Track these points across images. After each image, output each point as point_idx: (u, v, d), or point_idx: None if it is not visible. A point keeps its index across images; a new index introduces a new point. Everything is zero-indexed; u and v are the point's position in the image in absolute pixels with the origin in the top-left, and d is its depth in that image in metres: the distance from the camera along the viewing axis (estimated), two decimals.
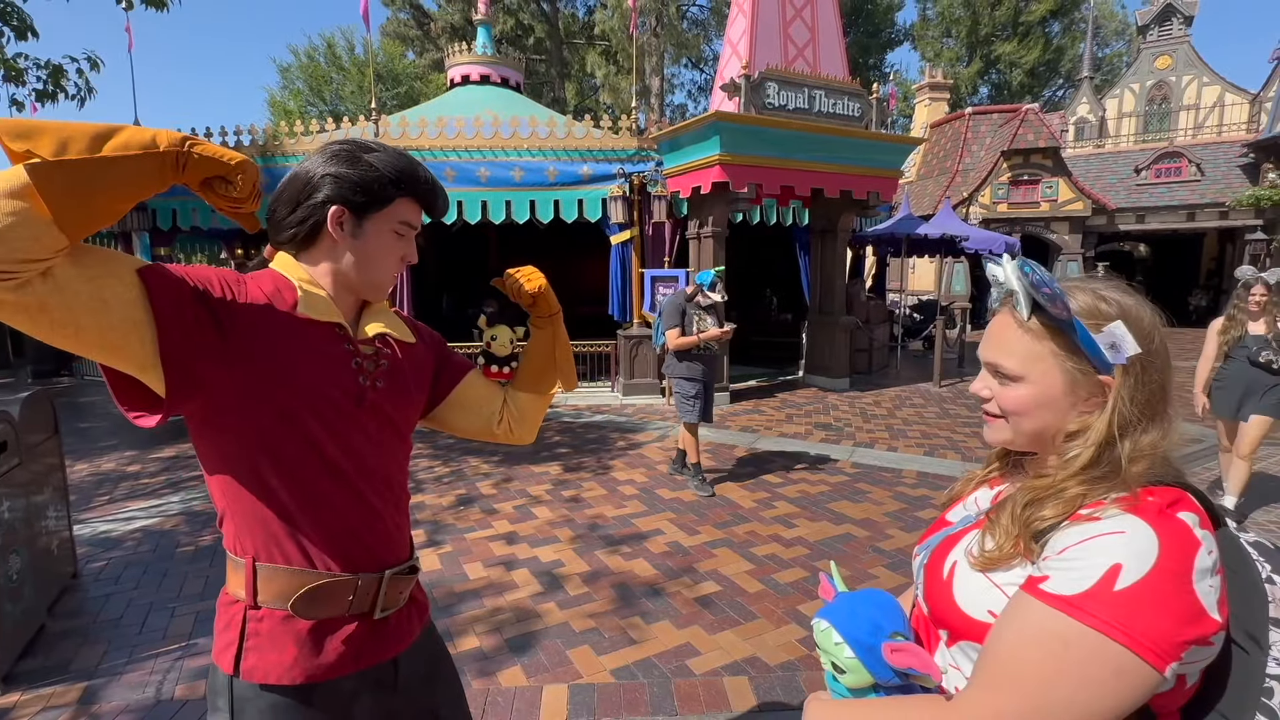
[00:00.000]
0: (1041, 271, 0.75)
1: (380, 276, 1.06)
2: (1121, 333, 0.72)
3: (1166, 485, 0.69)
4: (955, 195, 15.64)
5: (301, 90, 26.36)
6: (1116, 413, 0.72)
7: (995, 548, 0.73)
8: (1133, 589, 0.60)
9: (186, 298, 0.86)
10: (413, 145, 7.68)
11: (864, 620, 0.83)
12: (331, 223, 0.99)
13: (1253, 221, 13.92)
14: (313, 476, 0.96)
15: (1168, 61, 19.31)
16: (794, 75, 7.42)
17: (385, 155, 1.02)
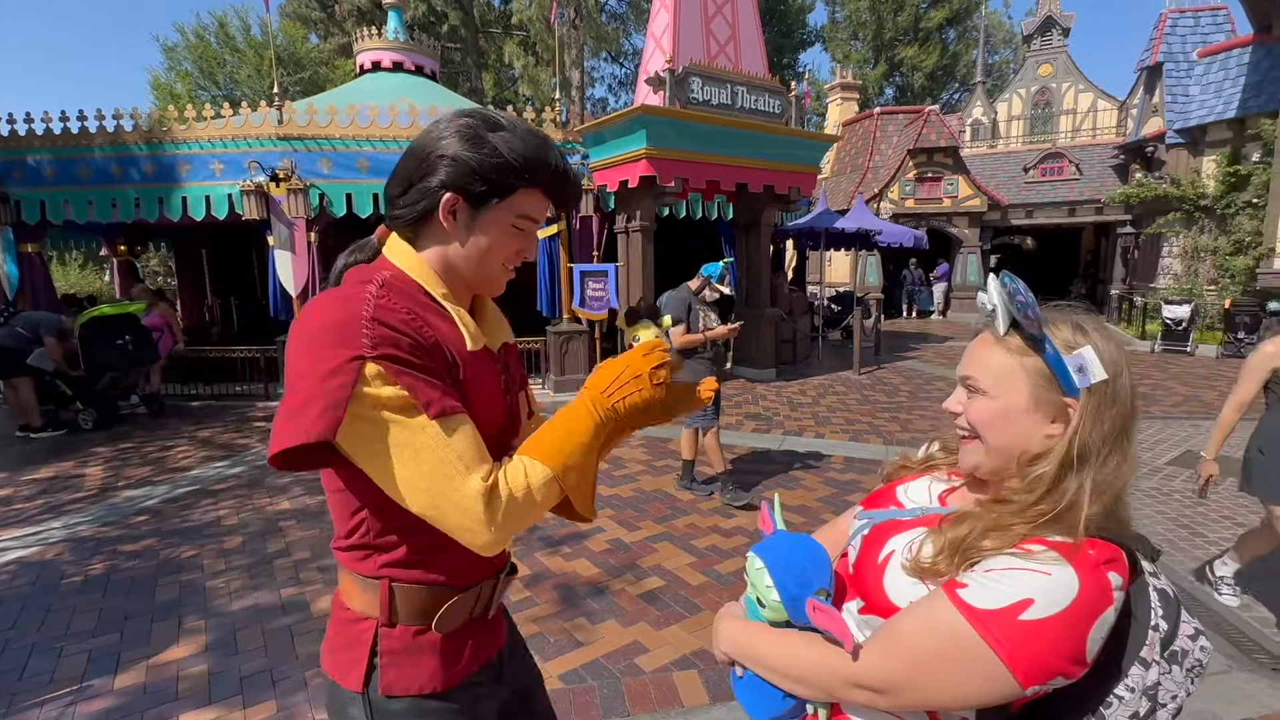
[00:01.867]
0: (1019, 282, 0.80)
1: (492, 273, 0.97)
2: (1091, 357, 0.76)
3: (1108, 541, 0.74)
4: (867, 191, 16.39)
5: (190, 72, 24.25)
6: (1078, 434, 0.76)
7: (929, 561, 0.78)
8: (1033, 624, 0.67)
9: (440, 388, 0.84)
10: (322, 134, 7.23)
11: (796, 569, 0.86)
12: (443, 211, 0.90)
13: (1123, 217, 15.37)
14: None
15: (1049, 69, 20.99)
16: (718, 71, 7.50)
17: (514, 137, 0.90)
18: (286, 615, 2.98)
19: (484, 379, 0.95)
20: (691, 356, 4.27)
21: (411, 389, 0.80)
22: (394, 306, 0.84)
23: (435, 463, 0.80)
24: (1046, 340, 0.79)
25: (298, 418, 0.76)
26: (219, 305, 12.60)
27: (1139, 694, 0.75)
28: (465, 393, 0.89)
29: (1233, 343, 10.21)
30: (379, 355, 0.79)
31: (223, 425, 6.70)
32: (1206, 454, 2.94)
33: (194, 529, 4.00)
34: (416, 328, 0.84)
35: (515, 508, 0.83)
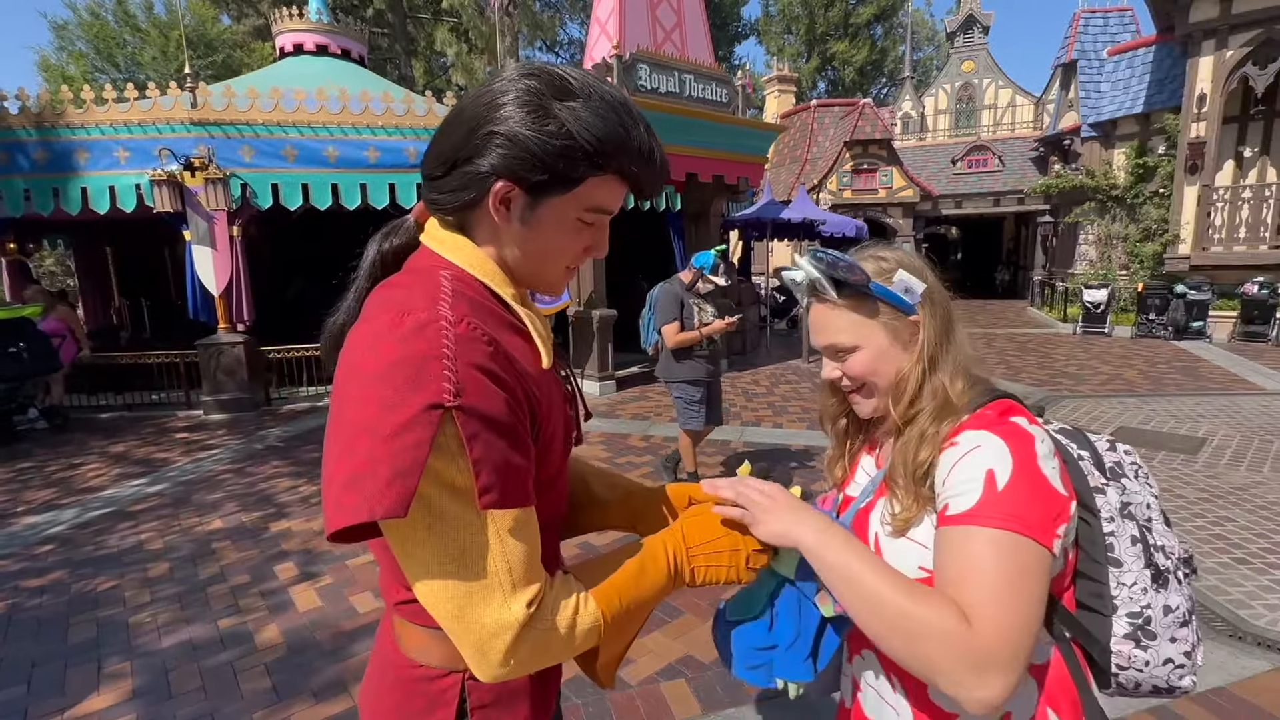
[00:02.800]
0: (831, 253, 0.87)
1: (553, 275, 0.80)
2: (907, 277, 0.87)
3: (994, 399, 0.83)
4: (807, 182, 16.71)
5: (85, 53, 22.20)
6: (927, 339, 0.87)
7: (902, 509, 0.82)
8: (1009, 486, 0.73)
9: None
10: (241, 119, 6.67)
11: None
12: (494, 201, 0.72)
13: (1042, 206, 16.28)
14: (545, 528, 0.77)
15: (971, 66, 21.98)
16: (665, 58, 7.38)
17: (587, 111, 0.70)
18: (226, 650, 2.68)
19: (555, 397, 0.79)
20: (688, 356, 3.97)
21: (479, 464, 0.63)
22: (475, 334, 0.66)
23: (479, 570, 0.64)
24: (874, 285, 0.87)
25: (362, 486, 0.59)
26: (128, 307, 11.58)
27: (1119, 517, 0.80)
28: (541, 424, 0.74)
29: (1145, 324, 10.94)
30: (461, 407, 0.62)
31: (139, 438, 6.12)
32: None
33: (111, 557, 3.59)
34: (503, 362, 0.68)
35: (547, 645, 0.68)
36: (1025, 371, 8.34)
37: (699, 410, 4.04)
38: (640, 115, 0.75)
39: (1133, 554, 0.79)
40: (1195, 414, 6.00)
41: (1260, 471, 4.47)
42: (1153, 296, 10.88)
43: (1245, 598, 2.91)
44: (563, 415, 0.82)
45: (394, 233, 0.85)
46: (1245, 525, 3.61)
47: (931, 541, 0.80)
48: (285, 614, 2.94)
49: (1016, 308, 16.66)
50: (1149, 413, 6.12)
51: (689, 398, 4.03)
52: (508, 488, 0.65)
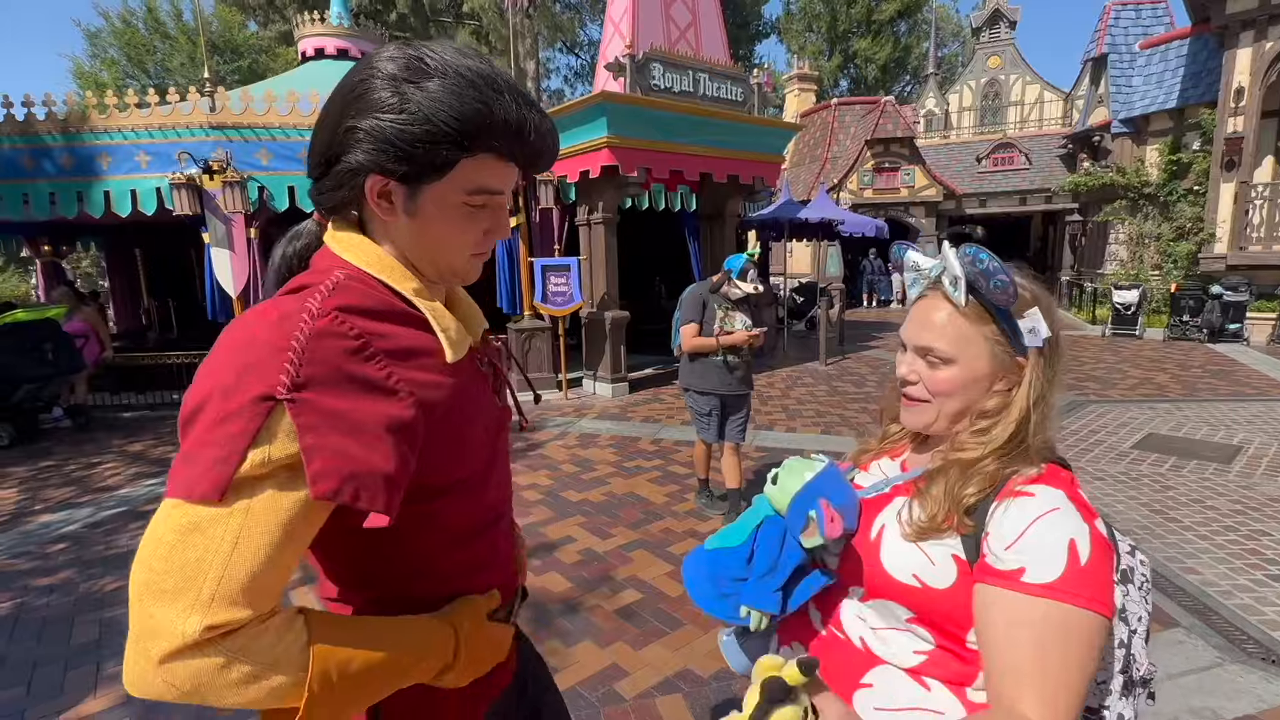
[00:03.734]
0: (996, 261, 0.80)
1: (455, 263, 0.78)
2: (1039, 318, 0.82)
3: (1053, 462, 0.80)
4: (827, 181, 16.47)
5: (117, 60, 22.80)
6: (1035, 389, 0.82)
7: (928, 518, 0.79)
8: (1091, 561, 0.70)
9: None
10: (259, 122, 6.75)
11: (835, 491, 0.85)
12: (371, 197, 0.71)
13: (1071, 205, 15.84)
14: (477, 530, 0.82)
15: (998, 62, 21.51)
16: (679, 57, 7.30)
17: (444, 89, 0.66)
18: None
19: (470, 389, 0.78)
20: (700, 362, 3.69)
21: (309, 451, 0.60)
22: (338, 328, 0.64)
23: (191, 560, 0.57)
24: (1009, 308, 0.81)
25: (189, 464, 0.59)
26: (157, 308, 11.83)
27: (1117, 618, 0.79)
28: (442, 420, 0.71)
29: (1178, 326, 10.56)
30: (295, 400, 0.60)
31: (156, 438, 6.21)
32: None
33: (120, 557, 3.63)
34: (376, 359, 0.66)
35: (209, 685, 0.57)
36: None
37: (708, 423, 3.76)
38: (512, 87, 0.70)
39: (1114, 655, 0.79)
40: (1230, 420, 5.75)
41: None
42: (1186, 297, 10.51)
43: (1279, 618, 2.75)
44: (485, 409, 0.81)
45: (297, 237, 0.83)
46: None
47: (939, 558, 0.78)
48: None
49: None
50: (1180, 419, 5.88)
51: (698, 408, 3.78)
52: (345, 480, 0.61)
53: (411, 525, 0.71)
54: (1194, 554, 3.33)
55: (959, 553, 0.76)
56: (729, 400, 3.75)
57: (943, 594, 0.77)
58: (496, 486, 0.86)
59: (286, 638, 0.61)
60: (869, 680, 0.82)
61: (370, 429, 0.63)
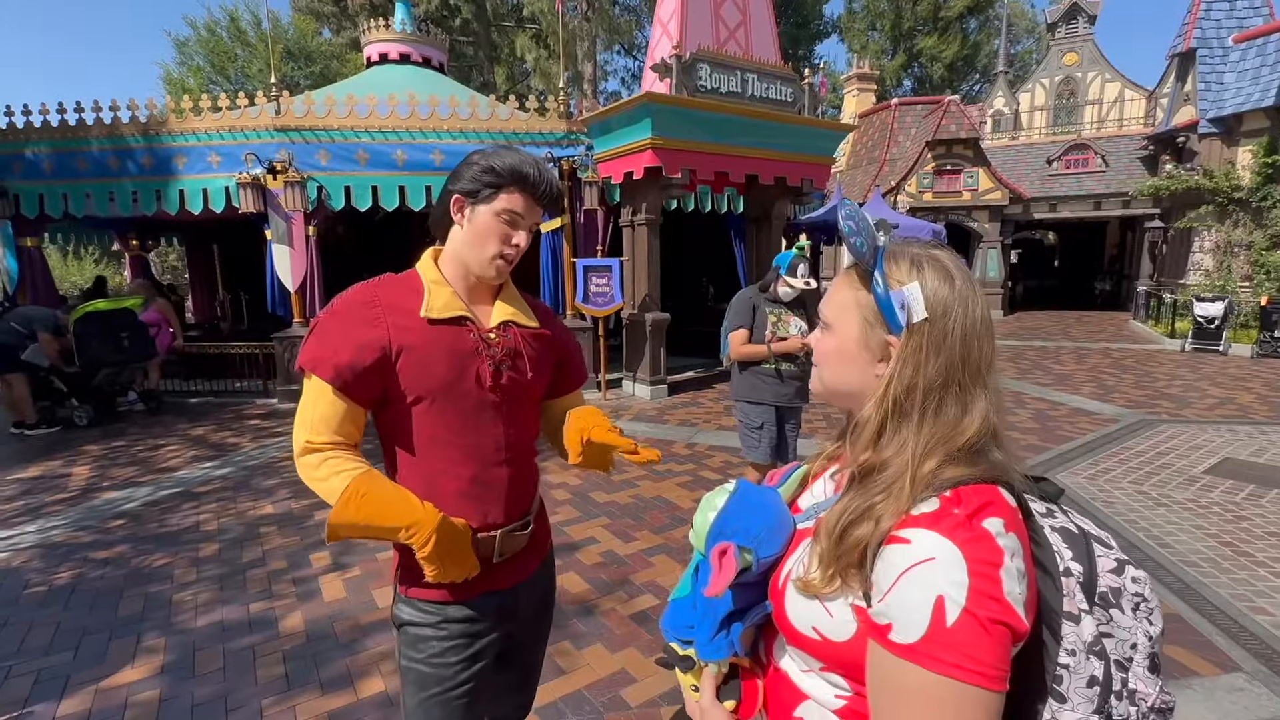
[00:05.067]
0: (858, 218, 0.74)
1: (484, 254, 1.23)
2: (914, 294, 0.72)
3: (975, 483, 0.67)
4: (883, 184, 15.96)
5: (202, 67, 24.31)
6: (897, 376, 0.72)
7: (821, 579, 0.71)
8: (960, 621, 0.61)
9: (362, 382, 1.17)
10: (319, 125, 7.05)
11: (749, 519, 0.81)
12: (453, 208, 1.23)
13: (1151, 210, 14.83)
14: (445, 451, 1.22)
15: (1074, 58, 20.36)
16: (726, 57, 7.22)
17: (498, 156, 1.21)
18: (252, 633, 2.79)
19: (443, 344, 1.20)
20: (751, 371, 3.38)
21: (307, 341, 1.18)
22: (364, 291, 1.22)
23: (303, 406, 1.18)
24: (878, 272, 0.74)
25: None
26: (230, 301, 12.53)
27: (1082, 654, 0.67)
28: (408, 355, 1.18)
29: (1269, 342, 9.74)
30: (320, 320, 1.19)
31: (217, 424, 6.57)
32: None
33: (170, 535, 3.84)
34: (366, 300, 1.20)
35: (309, 475, 1.16)
36: (1118, 391, 7.59)
37: (759, 439, 3.38)
38: (535, 161, 1.24)
39: (1083, 695, 0.67)
40: None
41: None
42: (1278, 312, 9.68)
43: None
44: (465, 365, 1.22)
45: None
46: None
47: (837, 610, 0.70)
48: (311, 602, 3.04)
49: (1117, 320, 15.27)
50: (1264, 443, 5.41)
51: (748, 421, 3.43)
52: (315, 360, 1.15)
53: (400, 419, 1.22)
54: (1266, 593, 3.04)
55: (859, 601, 0.69)
56: (783, 411, 3.43)
57: (844, 646, 0.70)
58: (476, 432, 1.24)
59: (348, 463, 1.15)
60: (800, 715, 0.77)
61: (348, 338, 1.15)
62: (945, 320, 0.72)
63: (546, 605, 1.49)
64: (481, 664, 1.29)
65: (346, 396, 1.15)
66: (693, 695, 0.85)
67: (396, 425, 1.22)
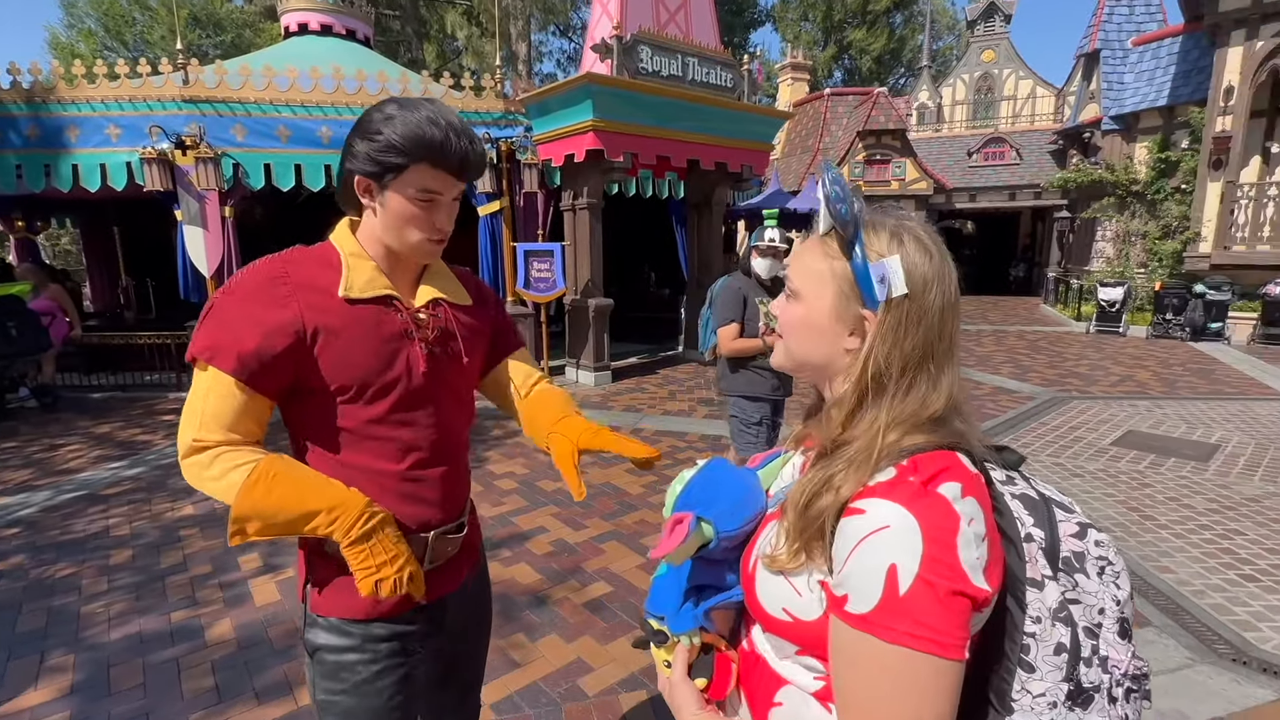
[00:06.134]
0: (843, 185, 0.71)
1: (411, 241, 1.07)
2: (894, 268, 0.70)
3: (932, 450, 0.67)
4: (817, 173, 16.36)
5: (95, 31, 22.18)
6: (873, 353, 0.71)
7: (787, 555, 0.70)
8: (913, 590, 0.60)
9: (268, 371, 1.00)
10: (234, 97, 6.55)
11: (716, 491, 0.80)
12: (359, 191, 1.05)
13: (1059, 201, 15.85)
14: (371, 446, 1.08)
15: (992, 55, 21.43)
16: (667, 40, 7.16)
17: (397, 121, 0.99)
18: (175, 645, 2.58)
19: (367, 327, 1.05)
20: (745, 366, 3.22)
21: (199, 327, 1.00)
22: (271, 267, 1.04)
23: (191, 399, 0.99)
24: (858, 243, 0.72)
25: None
26: (134, 287, 11.56)
27: (1048, 620, 0.66)
28: (327, 340, 1.02)
29: (1161, 324, 10.62)
30: (217, 300, 1.01)
31: (124, 420, 6.06)
32: None
33: (75, 542, 3.51)
34: (273, 277, 1.02)
35: (199, 477, 0.98)
36: (1034, 370, 8.10)
37: (756, 433, 3.26)
38: (448, 121, 1.01)
39: (1051, 663, 0.66)
40: (1209, 419, 5.77)
41: (1275, 482, 4.26)
42: (1170, 296, 10.56)
43: (1252, 619, 2.73)
44: (389, 349, 1.07)
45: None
46: (1255, 540, 3.42)
47: (804, 587, 0.70)
48: (241, 607, 2.84)
49: (1029, 305, 16.31)
50: (1160, 416, 5.89)
51: (746, 417, 3.27)
52: (213, 348, 0.97)
53: (316, 412, 1.06)
54: (1169, 553, 3.31)
55: (824, 576, 0.68)
56: (779, 405, 3.34)
57: (815, 625, 0.69)
58: (402, 424, 1.09)
59: (247, 455, 0.98)
60: (779, 699, 0.76)
61: (254, 321, 0.98)
62: (925, 296, 0.70)
63: (483, 619, 1.35)
64: (414, 688, 1.16)
65: (250, 389, 0.98)
66: (665, 671, 0.84)
67: (312, 419, 1.06)
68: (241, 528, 0.95)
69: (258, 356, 0.97)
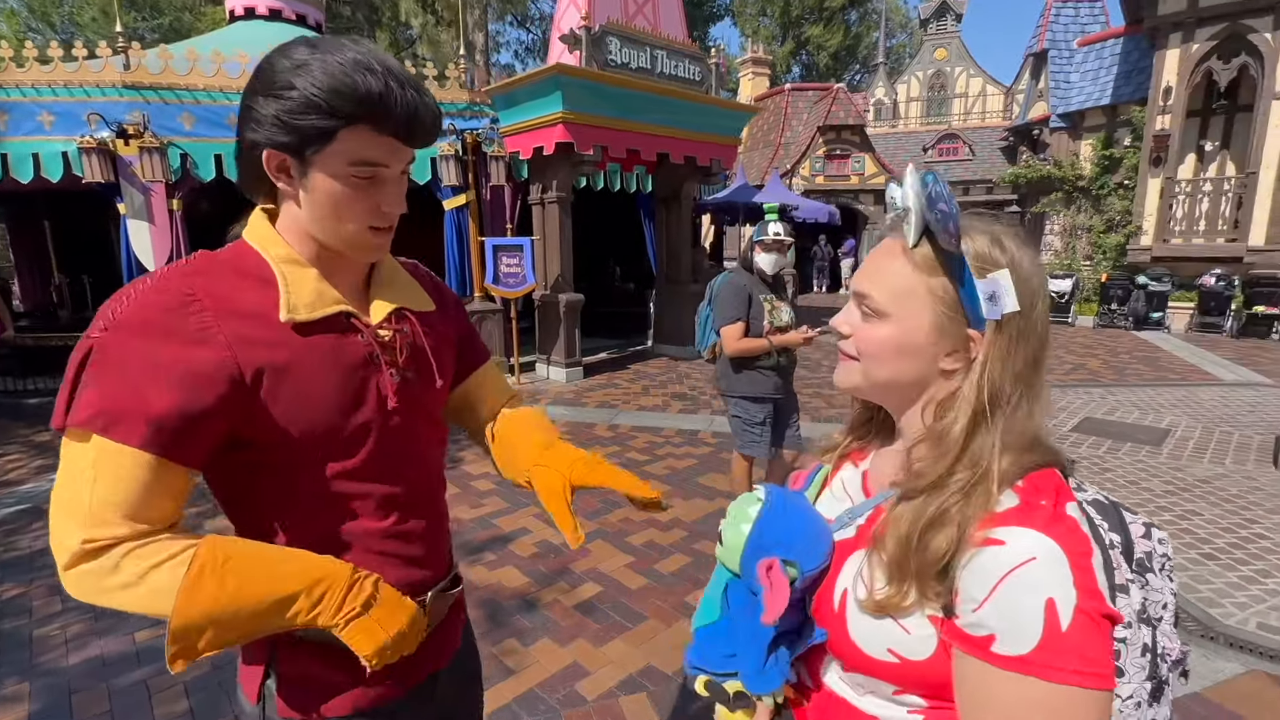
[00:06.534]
0: (943, 185, 0.64)
1: (350, 233, 0.82)
2: (1005, 284, 0.65)
3: (1039, 469, 0.65)
4: (780, 167, 16.55)
5: (18, 11, 20.77)
6: (987, 376, 0.65)
7: (893, 594, 0.65)
8: (1074, 624, 0.57)
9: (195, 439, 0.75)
10: (180, 84, 6.22)
11: (788, 527, 0.73)
12: (270, 171, 0.78)
13: (1010, 196, 16.43)
14: (343, 505, 0.84)
15: (944, 54, 22.02)
16: (636, 32, 7.10)
17: (315, 68, 0.72)
18: (142, 666, 2.43)
19: (323, 357, 0.81)
20: (749, 366, 3.12)
21: (84, 384, 0.71)
22: (163, 288, 0.74)
23: (69, 488, 0.71)
24: (964, 258, 0.66)
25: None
26: (69, 284, 10.89)
27: (1136, 622, 0.66)
28: (274, 381, 0.77)
29: (1107, 314, 11.11)
30: (98, 338, 0.72)
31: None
32: None
33: (21, 560, 3.28)
34: (181, 301, 0.73)
35: (101, 587, 0.70)
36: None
37: (760, 433, 3.18)
38: (387, 69, 0.75)
39: (1138, 665, 0.65)
40: (1157, 404, 6.06)
41: (1223, 464, 4.49)
42: (1115, 287, 11.05)
43: (1215, 595, 2.87)
44: (350, 380, 0.82)
45: (239, 224, 0.88)
46: (1211, 519, 3.59)
47: (915, 625, 0.64)
48: None
49: None
50: (1113, 403, 6.15)
51: (749, 418, 3.18)
52: (110, 414, 0.69)
53: (265, 473, 0.80)
54: None
55: (935, 611, 0.64)
56: (781, 404, 3.25)
57: (925, 665, 0.65)
58: (380, 474, 0.86)
59: (172, 544, 0.71)
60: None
61: (163, 369, 0.70)
62: (1032, 311, 0.66)
63: (475, 673, 1.13)
64: None
65: (165, 460, 0.71)
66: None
67: (260, 484, 0.80)
68: (189, 643, 0.69)
69: (179, 418, 0.70)
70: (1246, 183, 10.28)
